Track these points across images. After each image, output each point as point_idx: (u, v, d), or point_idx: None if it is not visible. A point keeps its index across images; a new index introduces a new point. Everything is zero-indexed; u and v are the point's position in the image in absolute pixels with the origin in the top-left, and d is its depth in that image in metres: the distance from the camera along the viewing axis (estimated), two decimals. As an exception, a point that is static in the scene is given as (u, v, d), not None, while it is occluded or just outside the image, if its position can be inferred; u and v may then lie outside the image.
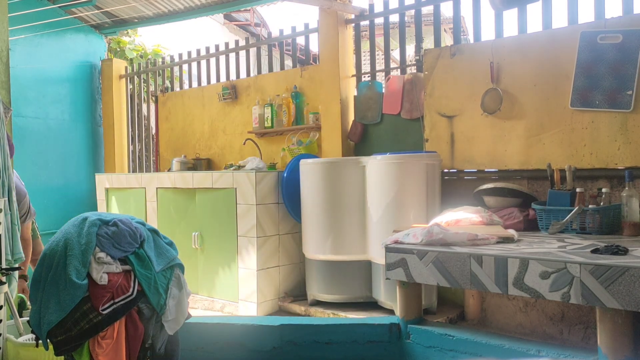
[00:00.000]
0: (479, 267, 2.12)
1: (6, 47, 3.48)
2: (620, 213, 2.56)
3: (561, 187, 2.82)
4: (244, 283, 3.69)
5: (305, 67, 4.48)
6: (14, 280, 3.11)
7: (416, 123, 3.70)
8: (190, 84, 5.55)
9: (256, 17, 9.00)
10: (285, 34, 4.69)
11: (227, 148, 4.99)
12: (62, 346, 1.92)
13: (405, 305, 2.43)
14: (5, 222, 2.97)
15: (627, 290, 1.78)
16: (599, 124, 2.91)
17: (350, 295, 3.47)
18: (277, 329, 2.45)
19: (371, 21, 4.18)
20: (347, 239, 3.42)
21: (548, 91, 3.07)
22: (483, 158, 3.33)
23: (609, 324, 1.86)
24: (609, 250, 2.01)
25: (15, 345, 2.48)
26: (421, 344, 2.35)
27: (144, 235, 2.09)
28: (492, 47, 3.26)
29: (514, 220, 2.85)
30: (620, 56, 2.82)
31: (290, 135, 4.38)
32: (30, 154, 5.01)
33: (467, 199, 3.27)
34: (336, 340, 2.43)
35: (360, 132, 4.03)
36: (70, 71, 5.48)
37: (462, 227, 2.53)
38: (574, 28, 3.02)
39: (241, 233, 3.72)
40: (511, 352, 2.10)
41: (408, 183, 3.18)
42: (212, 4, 5.01)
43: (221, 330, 2.46)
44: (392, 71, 4.10)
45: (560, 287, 1.93)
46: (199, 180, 4.00)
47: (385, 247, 2.42)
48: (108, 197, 4.78)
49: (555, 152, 3.05)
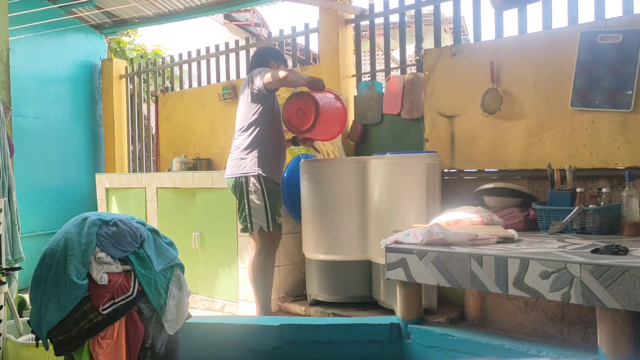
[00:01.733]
0: (479, 267, 2.12)
1: (6, 47, 3.48)
2: (620, 213, 2.56)
3: (561, 187, 2.82)
4: (244, 283, 3.69)
5: (305, 67, 4.48)
6: (14, 280, 3.11)
7: (416, 123, 3.70)
8: (191, 84, 5.55)
9: (256, 17, 9.00)
10: (285, 34, 4.69)
11: (228, 148, 4.92)
12: (62, 346, 1.92)
13: (406, 305, 2.43)
14: (5, 222, 2.97)
15: (627, 290, 1.78)
16: (599, 124, 2.91)
17: (350, 295, 3.47)
18: (277, 329, 2.44)
19: (371, 21, 4.19)
20: (347, 239, 3.41)
21: (548, 91, 3.07)
22: (483, 158, 3.33)
23: (609, 324, 1.86)
24: (609, 250, 2.01)
25: (15, 345, 2.49)
26: (421, 343, 2.35)
27: (144, 235, 2.09)
28: (492, 47, 3.26)
29: (514, 220, 2.85)
30: (620, 56, 2.82)
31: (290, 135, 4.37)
32: (30, 154, 5.01)
33: (467, 199, 3.27)
34: (336, 340, 2.43)
35: (360, 132, 4.03)
36: (71, 71, 5.48)
37: (462, 227, 2.53)
38: (574, 28, 3.02)
39: (241, 233, 3.71)
40: (511, 352, 2.09)
41: (408, 183, 3.18)
42: (212, 4, 5.01)
43: (221, 330, 2.46)
44: (392, 71, 4.10)
45: (560, 287, 1.93)
46: (199, 180, 4.00)
47: (385, 247, 2.42)
48: (108, 197, 4.78)
49: (555, 152, 3.05)
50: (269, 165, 3.23)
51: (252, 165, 3.18)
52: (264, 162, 3.21)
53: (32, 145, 5.05)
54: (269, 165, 3.23)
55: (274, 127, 3.30)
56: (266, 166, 3.21)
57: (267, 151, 3.23)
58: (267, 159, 3.23)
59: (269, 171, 3.22)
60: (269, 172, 3.22)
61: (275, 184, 3.27)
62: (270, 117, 3.27)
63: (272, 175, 3.24)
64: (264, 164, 3.20)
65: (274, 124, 3.30)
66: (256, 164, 3.18)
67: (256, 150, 3.20)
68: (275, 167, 3.28)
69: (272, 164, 3.26)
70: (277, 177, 3.30)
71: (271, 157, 3.25)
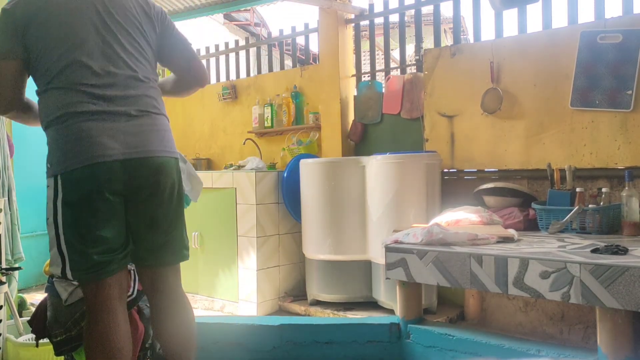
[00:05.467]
0: (479, 266, 2.12)
1: (6, 47, 3.47)
2: (620, 213, 2.56)
3: (561, 186, 2.82)
4: (244, 283, 3.69)
5: (305, 67, 4.48)
6: (14, 280, 3.12)
7: (416, 123, 3.70)
8: (190, 84, 5.54)
9: (256, 17, 9.01)
10: (285, 33, 4.69)
11: (227, 148, 4.98)
12: (62, 346, 1.92)
13: (405, 305, 2.43)
14: (5, 222, 2.97)
15: (627, 290, 1.78)
16: (598, 124, 2.91)
17: (350, 295, 3.47)
18: (277, 329, 2.44)
19: (371, 21, 4.18)
20: (347, 238, 3.42)
21: (548, 91, 3.07)
22: (483, 158, 3.33)
23: (609, 324, 1.86)
24: (609, 250, 2.01)
25: (15, 345, 2.49)
26: (421, 343, 2.35)
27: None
28: (492, 47, 3.26)
29: (514, 220, 2.85)
30: (620, 56, 2.82)
31: (290, 135, 4.38)
32: (30, 154, 5.00)
33: (467, 198, 3.27)
34: (336, 340, 2.43)
35: (360, 132, 4.03)
36: (70, 71, 5.47)
37: (462, 227, 2.53)
38: (574, 28, 3.02)
39: (241, 233, 3.71)
40: (511, 352, 2.09)
41: (408, 183, 3.18)
42: (212, 4, 5.01)
43: (221, 330, 2.46)
44: (392, 71, 4.10)
45: (560, 287, 1.93)
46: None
47: (385, 247, 2.42)
48: (108, 197, 4.77)
49: (555, 151, 3.05)
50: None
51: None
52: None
53: (32, 145, 5.04)
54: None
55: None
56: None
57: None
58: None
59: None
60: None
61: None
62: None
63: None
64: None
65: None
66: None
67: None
68: None
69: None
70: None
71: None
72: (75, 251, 1.60)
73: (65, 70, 1.61)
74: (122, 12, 1.72)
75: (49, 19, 1.63)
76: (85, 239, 1.60)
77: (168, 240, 1.77)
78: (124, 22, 1.72)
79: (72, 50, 1.62)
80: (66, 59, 1.62)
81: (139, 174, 1.65)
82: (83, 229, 1.59)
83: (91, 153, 1.57)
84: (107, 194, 1.60)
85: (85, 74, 1.62)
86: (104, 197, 1.60)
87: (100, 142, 1.58)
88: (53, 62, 1.62)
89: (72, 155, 1.57)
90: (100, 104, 1.61)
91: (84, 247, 1.60)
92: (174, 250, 1.80)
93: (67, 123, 1.59)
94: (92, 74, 1.63)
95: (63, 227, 1.60)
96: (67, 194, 1.58)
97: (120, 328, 1.65)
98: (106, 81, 1.64)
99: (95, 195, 1.59)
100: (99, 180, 1.58)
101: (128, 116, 1.64)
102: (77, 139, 1.57)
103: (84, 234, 1.60)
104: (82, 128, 1.58)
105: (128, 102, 1.66)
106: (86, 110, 1.59)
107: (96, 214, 1.60)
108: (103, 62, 1.65)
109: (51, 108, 1.62)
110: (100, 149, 1.57)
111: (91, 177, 1.57)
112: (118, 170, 1.61)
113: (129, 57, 1.70)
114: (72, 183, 1.58)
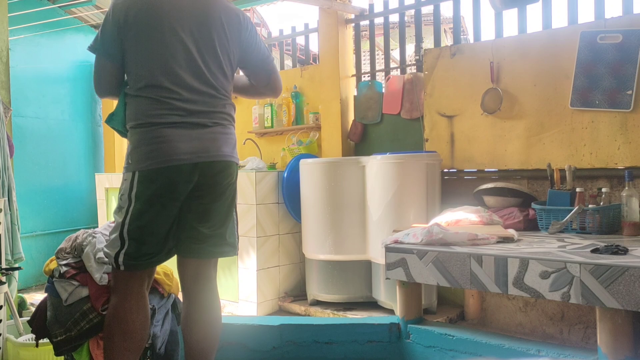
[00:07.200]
0: (479, 267, 2.12)
1: (6, 47, 3.48)
2: (620, 213, 2.56)
3: (561, 187, 2.82)
4: (244, 283, 3.69)
5: (305, 67, 4.48)
6: (14, 280, 3.12)
7: (416, 123, 3.70)
8: (190, 84, 5.54)
9: (256, 17, 9.01)
10: (285, 33, 4.69)
11: (227, 148, 4.98)
12: (62, 346, 1.92)
13: (405, 305, 2.43)
14: (5, 222, 2.97)
15: (627, 290, 1.78)
16: (598, 124, 2.91)
17: (350, 295, 3.47)
18: (277, 329, 2.44)
19: (371, 21, 4.18)
20: (347, 238, 3.42)
21: (548, 91, 3.07)
22: (483, 158, 3.33)
23: (609, 324, 1.86)
24: (609, 250, 2.01)
25: (15, 345, 2.49)
26: (421, 343, 2.35)
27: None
28: (492, 47, 3.26)
29: (514, 220, 2.85)
30: (620, 56, 2.82)
31: (290, 135, 4.38)
32: (30, 154, 5.00)
33: (467, 198, 3.27)
34: (336, 340, 2.43)
35: (360, 132, 4.03)
36: (70, 71, 5.48)
37: (462, 227, 2.53)
38: (574, 28, 3.02)
39: (241, 233, 3.69)
40: (511, 352, 2.09)
41: (408, 183, 3.18)
42: (212, 4, 5.01)
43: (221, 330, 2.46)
44: (392, 71, 4.10)
45: (560, 287, 1.93)
46: (199, 180, 3.99)
47: (385, 247, 2.42)
48: (108, 197, 4.78)
49: (555, 152, 3.05)
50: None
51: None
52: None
53: (32, 145, 5.04)
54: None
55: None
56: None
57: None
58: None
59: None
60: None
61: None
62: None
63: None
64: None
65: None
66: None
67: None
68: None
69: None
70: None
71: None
72: (134, 240, 1.77)
73: (155, 82, 1.77)
74: (210, 31, 1.85)
75: (145, 32, 1.78)
76: (145, 232, 1.77)
77: (214, 234, 1.90)
78: (212, 39, 1.84)
79: (162, 64, 1.77)
80: (157, 71, 1.77)
81: (206, 174, 1.81)
82: (146, 222, 1.77)
83: (168, 157, 1.74)
84: (175, 194, 1.78)
85: (173, 88, 1.77)
86: (171, 198, 1.78)
87: (177, 147, 1.75)
88: (144, 72, 1.78)
89: (152, 156, 1.75)
90: (184, 116, 1.78)
91: (142, 238, 1.77)
92: (217, 244, 1.92)
93: (151, 128, 1.76)
94: (180, 87, 1.78)
95: (130, 217, 1.76)
96: (141, 190, 1.75)
97: (141, 313, 1.81)
98: (191, 97, 1.79)
99: (164, 195, 1.77)
100: (171, 182, 1.76)
101: (204, 126, 1.81)
102: (157, 142, 1.75)
103: (145, 226, 1.77)
104: (164, 134, 1.75)
105: (207, 116, 1.82)
106: (171, 122, 1.77)
107: (161, 211, 1.78)
108: (190, 77, 1.79)
109: (140, 114, 1.79)
110: (176, 153, 1.75)
111: (165, 178, 1.75)
112: (190, 172, 1.77)
113: (211, 75, 1.83)
114: (148, 180, 1.75)
